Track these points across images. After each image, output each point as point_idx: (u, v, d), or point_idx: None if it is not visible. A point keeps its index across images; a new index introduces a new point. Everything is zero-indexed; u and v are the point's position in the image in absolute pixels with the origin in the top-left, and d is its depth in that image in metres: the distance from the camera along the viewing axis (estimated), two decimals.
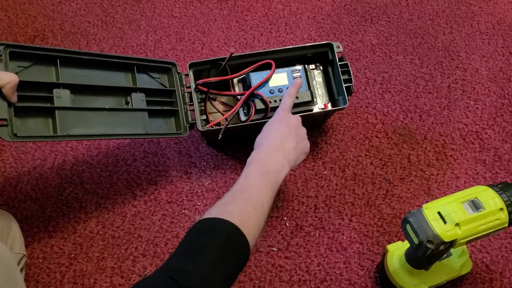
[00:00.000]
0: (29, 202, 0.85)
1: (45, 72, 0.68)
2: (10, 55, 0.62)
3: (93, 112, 0.71)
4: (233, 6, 1.16)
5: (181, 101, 0.82)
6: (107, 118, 0.73)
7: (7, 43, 0.62)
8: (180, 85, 0.83)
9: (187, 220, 0.83)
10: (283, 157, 0.65)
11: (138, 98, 0.77)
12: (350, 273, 0.78)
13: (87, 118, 0.70)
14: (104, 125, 0.72)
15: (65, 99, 0.68)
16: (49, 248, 0.80)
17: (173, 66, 0.83)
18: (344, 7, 1.16)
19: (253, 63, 0.82)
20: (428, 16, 1.15)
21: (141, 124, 0.77)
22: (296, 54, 0.84)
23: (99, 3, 1.16)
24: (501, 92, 1.01)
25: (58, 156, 0.91)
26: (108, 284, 0.76)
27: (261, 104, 0.78)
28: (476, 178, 0.88)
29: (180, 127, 0.81)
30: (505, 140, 0.93)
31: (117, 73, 0.77)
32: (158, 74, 0.83)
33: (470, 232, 0.58)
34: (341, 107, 0.81)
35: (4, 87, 0.58)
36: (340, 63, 0.82)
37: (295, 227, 0.82)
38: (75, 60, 0.71)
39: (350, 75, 0.82)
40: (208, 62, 0.81)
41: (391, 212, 0.84)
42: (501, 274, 0.77)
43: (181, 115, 0.81)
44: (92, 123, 0.71)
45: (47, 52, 0.67)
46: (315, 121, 0.91)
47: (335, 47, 0.83)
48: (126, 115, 0.76)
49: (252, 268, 0.78)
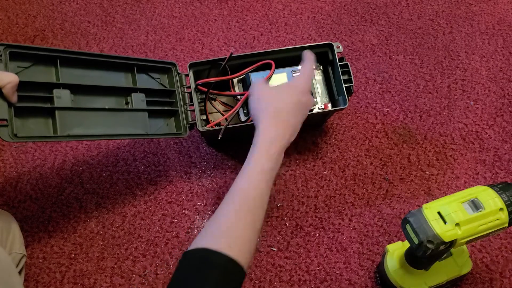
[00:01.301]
0: (29, 202, 0.85)
1: (45, 72, 0.68)
2: (10, 56, 0.62)
3: (93, 112, 0.71)
4: (233, 6, 1.16)
5: (181, 102, 0.82)
6: (107, 118, 0.73)
7: (7, 43, 0.62)
8: (180, 85, 0.83)
9: (187, 220, 0.83)
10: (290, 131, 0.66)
11: (138, 99, 0.77)
12: (350, 273, 0.77)
13: (87, 118, 0.70)
14: (104, 125, 0.72)
15: (65, 99, 0.68)
16: (49, 248, 0.80)
17: (173, 66, 0.83)
18: (344, 7, 1.16)
19: (253, 63, 0.82)
20: (428, 16, 1.15)
21: (141, 124, 0.77)
22: (296, 54, 0.84)
23: (99, 3, 1.16)
24: (501, 92, 1.01)
25: (58, 156, 0.91)
26: (108, 284, 0.76)
27: None
28: (476, 178, 0.88)
29: (180, 128, 0.81)
30: (505, 140, 0.93)
31: (117, 74, 0.77)
32: (158, 74, 0.83)
33: (470, 232, 0.58)
34: (341, 108, 0.81)
35: (5, 87, 0.58)
36: (340, 63, 0.82)
37: (295, 227, 0.82)
38: (75, 60, 0.71)
39: (350, 75, 0.82)
40: (208, 62, 0.82)
41: (391, 212, 0.84)
42: (501, 274, 0.77)
43: (181, 116, 0.81)
44: (92, 123, 0.71)
45: (47, 53, 0.67)
46: (315, 121, 0.92)
47: (335, 47, 0.83)
48: (126, 115, 0.76)
49: (252, 268, 0.78)
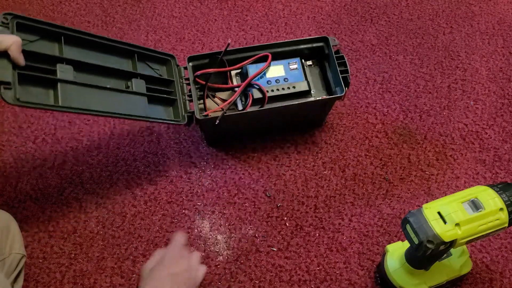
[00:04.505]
0: (29, 202, 0.85)
1: (49, 48, 0.70)
2: (17, 26, 0.64)
3: (94, 89, 0.72)
4: (233, 6, 1.16)
5: (179, 92, 0.83)
6: (108, 97, 0.74)
7: (15, 13, 0.63)
8: (179, 77, 0.85)
9: (187, 220, 0.83)
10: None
11: (138, 84, 0.79)
12: (350, 273, 0.77)
13: (88, 94, 0.71)
14: (105, 104, 0.73)
15: (68, 74, 0.69)
16: (49, 248, 0.80)
17: (172, 58, 0.85)
18: (344, 7, 1.16)
19: (250, 58, 0.84)
20: (428, 16, 1.15)
21: (140, 107, 0.78)
22: (292, 48, 0.86)
23: (99, 3, 1.16)
24: (501, 92, 1.01)
25: (58, 156, 0.91)
26: (108, 284, 0.76)
27: (258, 93, 0.81)
28: (476, 178, 0.88)
29: (179, 116, 0.82)
30: (505, 140, 0.93)
31: (118, 59, 0.79)
32: (157, 65, 0.85)
33: (470, 232, 0.58)
34: (339, 95, 0.82)
35: (10, 48, 0.58)
36: (336, 56, 0.84)
37: (295, 227, 0.82)
38: (78, 40, 0.73)
39: (347, 66, 0.84)
40: (206, 56, 0.84)
41: (391, 212, 0.84)
42: (501, 274, 0.77)
43: (179, 105, 0.82)
44: (93, 100, 0.71)
45: (53, 28, 0.69)
46: (314, 115, 0.91)
47: (330, 41, 0.84)
48: (126, 97, 0.77)
49: (252, 268, 0.78)
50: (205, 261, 0.78)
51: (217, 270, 0.77)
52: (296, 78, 0.83)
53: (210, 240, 0.81)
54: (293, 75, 0.84)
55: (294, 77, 0.83)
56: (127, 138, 0.93)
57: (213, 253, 0.79)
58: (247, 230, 0.82)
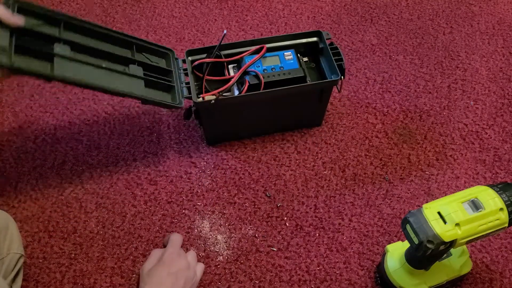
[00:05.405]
0: (29, 202, 0.85)
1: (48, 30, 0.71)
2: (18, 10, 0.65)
3: (90, 66, 0.73)
4: (233, 6, 1.16)
5: (177, 80, 0.84)
6: (104, 75, 0.74)
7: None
8: (177, 68, 0.86)
9: (187, 220, 0.83)
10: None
11: (136, 69, 0.79)
12: (350, 273, 0.77)
13: (84, 69, 0.72)
14: (100, 80, 0.73)
15: (65, 51, 0.70)
16: (49, 248, 0.80)
17: (170, 52, 0.86)
18: (344, 7, 1.16)
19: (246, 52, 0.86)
20: (428, 16, 1.15)
21: (137, 88, 0.78)
22: (288, 43, 0.88)
23: (99, 3, 1.16)
24: (501, 92, 1.01)
25: (58, 156, 0.91)
26: (108, 284, 0.76)
27: (255, 79, 0.82)
28: (476, 178, 0.88)
29: (176, 100, 0.82)
30: (505, 140, 0.93)
31: (117, 48, 0.80)
32: (156, 57, 0.86)
33: (470, 232, 0.58)
34: (335, 79, 0.82)
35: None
36: (330, 47, 0.85)
37: (295, 227, 0.82)
38: (78, 28, 0.74)
39: (341, 55, 0.85)
40: (205, 50, 0.86)
41: (391, 212, 0.84)
42: (501, 274, 0.77)
43: (177, 90, 0.83)
44: (89, 75, 0.72)
45: (53, 15, 0.70)
46: (312, 109, 0.91)
47: (324, 34, 0.86)
48: (124, 78, 0.77)
49: (252, 268, 0.78)
50: (205, 261, 0.78)
51: (217, 270, 0.77)
52: (292, 66, 0.85)
53: (210, 240, 0.81)
54: (289, 64, 0.85)
55: (289, 65, 0.85)
56: (127, 138, 0.93)
57: (213, 253, 0.79)
58: (247, 230, 0.82)
